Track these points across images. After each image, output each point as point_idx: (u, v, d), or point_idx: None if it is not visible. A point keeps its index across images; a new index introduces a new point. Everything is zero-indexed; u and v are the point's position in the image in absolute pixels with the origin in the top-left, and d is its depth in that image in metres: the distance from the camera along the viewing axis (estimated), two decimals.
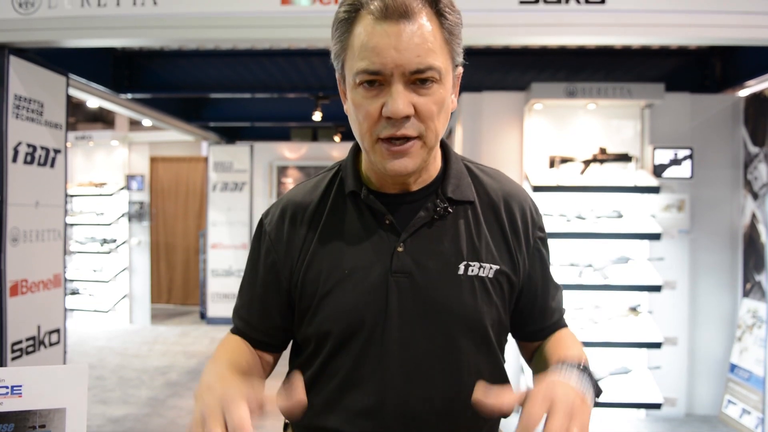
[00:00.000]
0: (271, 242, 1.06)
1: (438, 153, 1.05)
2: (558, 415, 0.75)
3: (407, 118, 0.90)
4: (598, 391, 0.89)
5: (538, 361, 1.09)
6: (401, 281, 0.98)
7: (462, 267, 1.00)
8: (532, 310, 1.10)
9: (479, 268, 1.00)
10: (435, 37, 0.89)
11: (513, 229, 1.05)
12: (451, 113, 0.99)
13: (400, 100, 0.88)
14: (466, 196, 1.03)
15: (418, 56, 0.87)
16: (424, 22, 0.88)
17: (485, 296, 1.00)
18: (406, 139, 0.92)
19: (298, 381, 0.83)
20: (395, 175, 0.95)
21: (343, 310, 0.99)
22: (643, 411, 4.11)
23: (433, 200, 1.01)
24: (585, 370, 0.88)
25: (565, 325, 1.16)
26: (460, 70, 1.00)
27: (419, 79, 0.89)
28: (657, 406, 3.86)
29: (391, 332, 0.97)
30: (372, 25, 0.88)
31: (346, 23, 0.91)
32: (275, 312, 1.07)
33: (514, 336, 1.14)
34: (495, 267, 1.01)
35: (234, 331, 1.12)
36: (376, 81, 0.89)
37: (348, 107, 0.97)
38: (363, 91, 0.91)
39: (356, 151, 1.07)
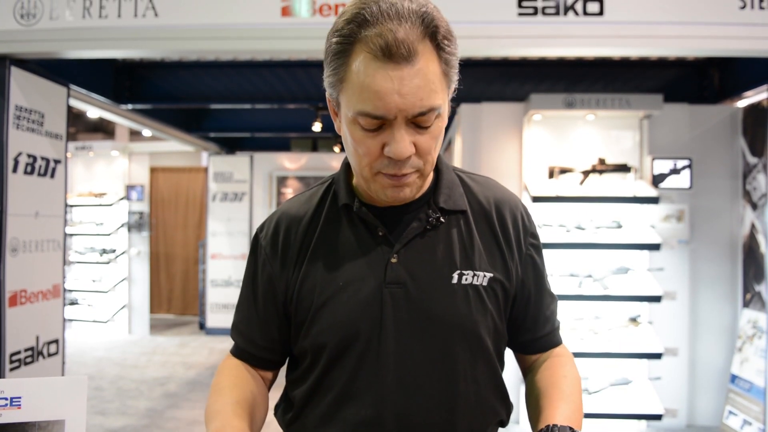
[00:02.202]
0: (266, 256, 1.07)
1: None
2: None
3: (408, 157, 0.90)
4: None
5: (531, 397, 1.08)
6: (395, 292, 0.98)
7: (455, 276, 1.00)
8: (525, 318, 1.10)
9: (473, 277, 1.00)
10: (435, 74, 0.88)
11: (505, 236, 1.05)
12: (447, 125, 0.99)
13: (404, 143, 0.88)
14: (458, 205, 1.04)
15: (421, 100, 0.86)
16: (426, 61, 0.86)
17: (479, 304, 1.00)
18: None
19: None
20: (393, 203, 0.98)
21: (338, 323, 0.98)
22: (644, 422, 4.09)
23: (426, 211, 1.01)
24: None
25: (560, 342, 1.15)
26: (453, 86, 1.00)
27: (421, 120, 0.89)
28: (658, 417, 3.84)
29: (386, 344, 0.97)
30: (373, 66, 0.85)
31: (342, 56, 0.88)
32: (273, 326, 1.07)
33: (509, 346, 1.14)
34: (489, 275, 1.01)
35: (233, 351, 1.12)
36: (377, 123, 0.89)
37: (343, 133, 0.96)
38: (362, 130, 0.90)
39: (348, 165, 1.07)
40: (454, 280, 0.99)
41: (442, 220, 1.02)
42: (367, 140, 0.90)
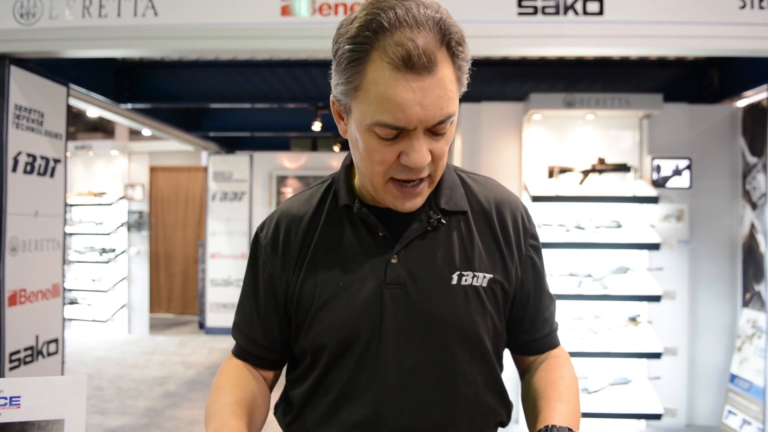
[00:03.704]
0: (267, 256, 1.06)
1: None
2: None
3: None
4: None
5: (528, 398, 1.08)
6: (395, 293, 0.98)
7: (455, 277, 0.99)
8: (523, 319, 1.10)
9: (472, 278, 1.00)
10: (452, 82, 0.87)
11: (505, 237, 1.05)
12: None
13: (422, 152, 0.88)
14: (459, 206, 1.03)
15: (441, 109, 0.86)
16: (444, 69, 0.85)
17: (479, 305, 1.00)
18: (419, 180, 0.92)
19: None
20: (402, 211, 0.96)
21: (338, 324, 0.98)
22: (643, 422, 4.10)
23: (427, 212, 1.01)
24: None
25: (558, 343, 1.15)
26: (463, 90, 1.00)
27: (438, 128, 0.88)
28: (657, 416, 3.84)
29: (386, 344, 0.97)
30: (393, 76, 0.83)
31: (357, 64, 0.85)
32: (274, 325, 1.07)
33: (507, 347, 1.14)
34: (488, 276, 1.01)
35: (236, 351, 1.12)
36: (396, 133, 0.87)
37: (352, 139, 0.94)
38: (378, 138, 0.88)
39: (348, 165, 1.07)
40: (454, 281, 0.99)
41: (443, 221, 1.01)
42: (383, 149, 0.89)
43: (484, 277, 1.01)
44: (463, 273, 1.00)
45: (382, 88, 0.83)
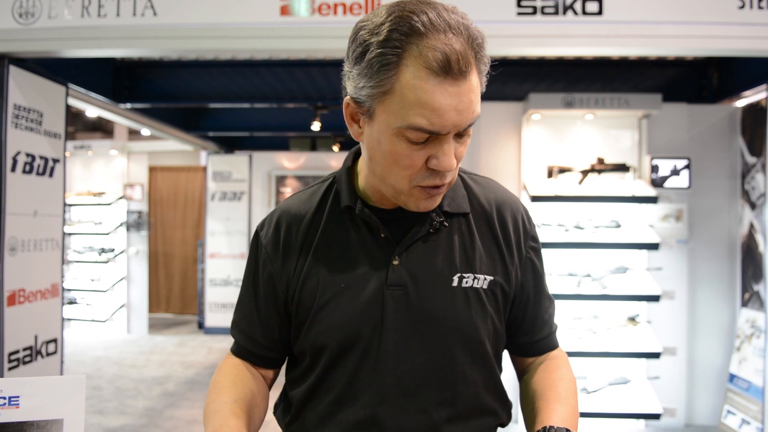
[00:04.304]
0: (267, 255, 1.06)
1: None
2: None
3: None
4: None
5: (526, 399, 1.08)
6: (396, 294, 0.98)
7: (456, 279, 1.00)
8: (523, 321, 1.10)
9: (473, 280, 1.00)
10: (478, 86, 0.88)
11: (505, 239, 1.05)
12: None
13: (451, 156, 0.88)
14: (461, 208, 1.04)
15: (472, 113, 0.87)
16: (474, 74, 0.86)
17: (479, 307, 1.00)
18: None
19: None
20: (423, 211, 0.97)
21: (339, 324, 0.98)
22: (642, 421, 4.10)
23: (429, 214, 1.01)
24: None
25: (556, 345, 1.15)
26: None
27: (465, 131, 0.89)
28: (656, 416, 3.84)
29: (386, 345, 0.97)
30: (431, 81, 0.82)
31: (391, 68, 0.84)
32: (274, 324, 1.07)
33: (505, 348, 1.14)
34: (489, 278, 1.01)
35: (234, 350, 1.12)
36: (427, 137, 0.87)
37: (372, 142, 0.92)
38: (408, 143, 0.88)
39: (349, 165, 1.07)
40: (455, 283, 0.99)
41: (445, 224, 1.01)
42: (412, 153, 0.88)
43: (485, 279, 1.01)
44: (464, 275, 1.00)
45: (420, 93, 0.83)
